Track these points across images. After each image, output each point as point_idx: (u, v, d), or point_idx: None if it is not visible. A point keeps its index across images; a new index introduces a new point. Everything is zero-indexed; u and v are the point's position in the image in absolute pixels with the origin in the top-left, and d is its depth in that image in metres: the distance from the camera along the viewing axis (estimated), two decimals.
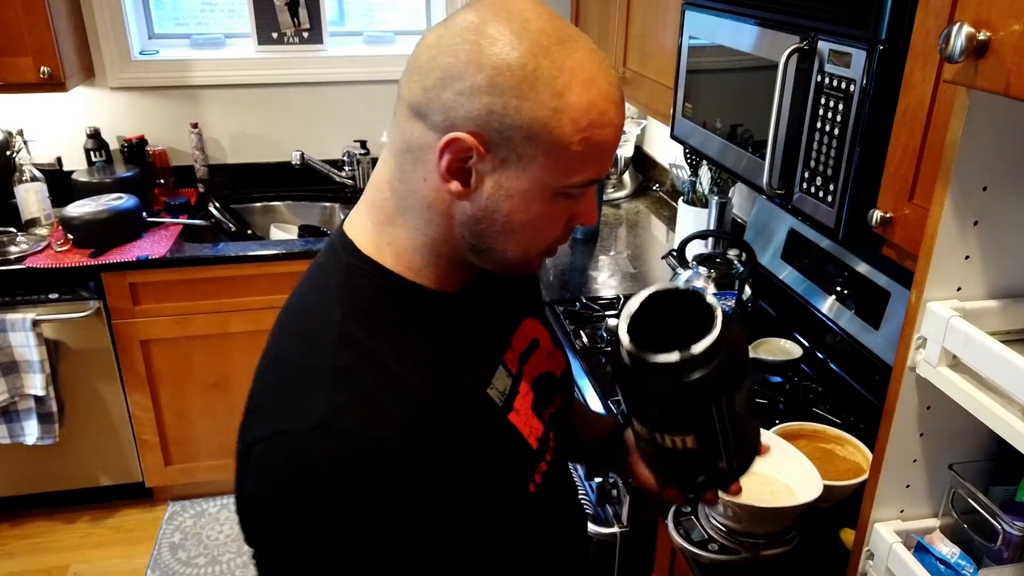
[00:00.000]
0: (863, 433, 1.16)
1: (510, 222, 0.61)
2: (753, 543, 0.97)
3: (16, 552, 2.09)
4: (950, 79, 0.60)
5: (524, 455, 0.70)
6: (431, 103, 0.58)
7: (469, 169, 0.59)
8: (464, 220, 0.61)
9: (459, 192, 0.59)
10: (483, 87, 0.56)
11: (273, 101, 2.40)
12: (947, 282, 0.69)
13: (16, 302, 1.91)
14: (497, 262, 0.65)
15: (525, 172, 0.58)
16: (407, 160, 0.61)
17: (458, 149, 0.57)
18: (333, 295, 0.63)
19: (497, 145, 0.57)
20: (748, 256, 1.52)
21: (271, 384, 0.62)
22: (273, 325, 0.68)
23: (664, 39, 1.59)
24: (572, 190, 0.61)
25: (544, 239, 0.64)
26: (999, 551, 0.72)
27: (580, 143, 0.58)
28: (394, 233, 0.64)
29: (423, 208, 0.62)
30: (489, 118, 0.56)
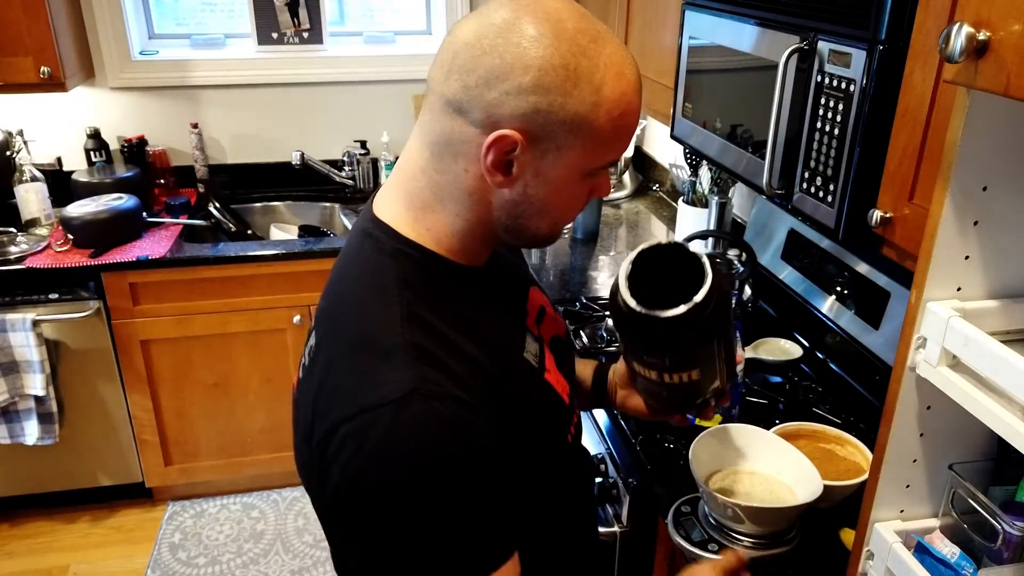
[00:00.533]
0: (863, 433, 1.16)
1: (546, 204, 0.66)
2: (753, 543, 0.97)
3: (16, 552, 2.09)
4: (950, 79, 0.60)
5: (561, 410, 0.76)
6: (474, 101, 0.61)
7: (511, 161, 0.63)
8: (503, 205, 0.66)
9: (501, 182, 0.64)
10: (529, 87, 0.60)
11: (273, 101, 2.41)
12: (947, 282, 0.69)
13: (16, 302, 1.91)
14: (528, 238, 0.70)
15: (562, 160, 0.64)
16: (446, 153, 0.65)
17: (504, 145, 0.61)
18: (388, 279, 0.66)
19: (540, 139, 0.62)
20: (748, 256, 1.52)
21: (345, 370, 0.63)
22: (320, 316, 0.71)
23: (664, 39, 1.59)
24: (597, 171, 0.67)
25: (570, 214, 0.70)
26: (999, 551, 0.72)
27: (612, 131, 0.64)
28: (432, 219, 0.68)
29: (464, 196, 0.66)
30: (535, 115, 0.61)
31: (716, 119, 1.24)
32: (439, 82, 0.64)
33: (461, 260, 0.69)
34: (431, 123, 0.65)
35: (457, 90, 0.62)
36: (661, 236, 2.00)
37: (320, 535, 2.16)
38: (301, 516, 2.23)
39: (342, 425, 0.60)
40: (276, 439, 2.24)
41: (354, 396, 0.60)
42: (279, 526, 2.19)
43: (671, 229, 2.14)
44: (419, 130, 0.68)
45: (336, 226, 2.40)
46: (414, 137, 0.69)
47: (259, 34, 2.34)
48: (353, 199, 2.43)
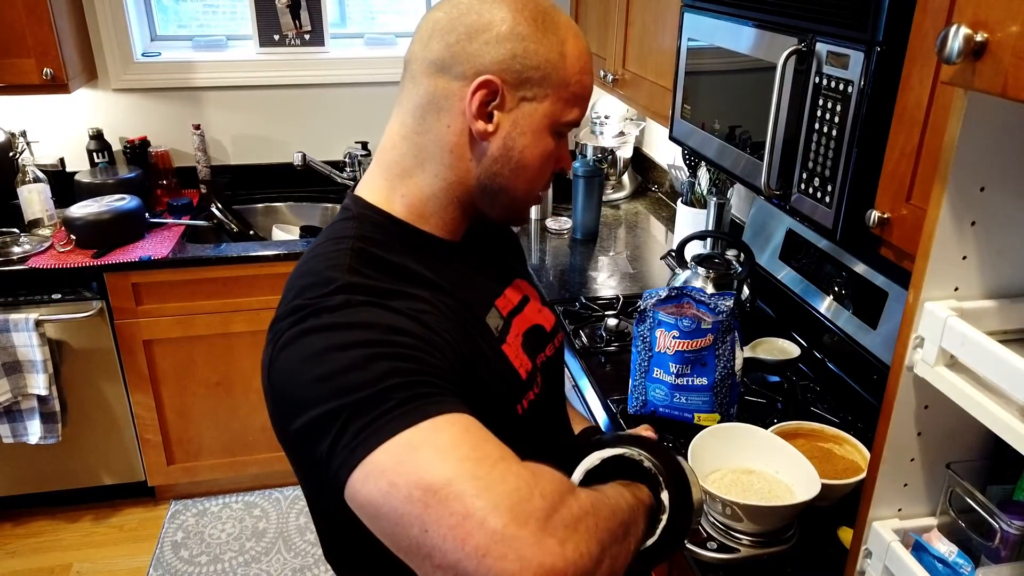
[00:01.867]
0: (861, 432, 1.17)
1: (523, 158, 0.71)
2: (752, 541, 0.97)
3: (19, 551, 2.10)
4: (948, 80, 0.60)
5: (514, 381, 0.76)
6: (456, 56, 0.68)
7: (491, 112, 0.69)
8: (484, 161, 0.71)
9: (483, 131, 0.69)
10: (506, 35, 0.67)
11: (275, 103, 2.41)
12: (944, 282, 0.69)
13: (19, 302, 1.92)
14: (505, 204, 0.74)
15: (538, 109, 0.70)
16: (429, 112, 0.70)
17: (489, 89, 0.68)
18: (344, 235, 0.69)
19: (517, 85, 0.69)
20: (746, 256, 1.52)
21: (288, 302, 0.66)
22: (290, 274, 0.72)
23: (663, 41, 1.59)
24: (563, 128, 0.73)
25: (541, 179, 0.74)
26: (997, 550, 0.73)
27: (576, 84, 0.71)
28: (410, 183, 0.72)
29: (444, 153, 0.71)
30: (512, 61, 0.68)
31: (715, 120, 1.25)
32: (419, 51, 0.70)
33: (432, 230, 0.73)
34: (413, 91, 0.71)
35: (439, 50, 0.69)
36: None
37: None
38: (303, 515, 2.24)
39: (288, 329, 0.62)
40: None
41: (295, 313, 0.63)
42: (281, 524, 2.20)
43: (670, 230, 2.15)
44: (398, 108, 0.73)
45: None
46: (393, 118, 0.74)
47: (260, 36, 2.35)
48: None
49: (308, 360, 0.59)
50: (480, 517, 0.48)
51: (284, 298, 0.68)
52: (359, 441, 0.54)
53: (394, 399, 0.55)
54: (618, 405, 1.30)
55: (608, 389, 1.36)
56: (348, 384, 0.56)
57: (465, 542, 0.48)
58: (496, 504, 0.49)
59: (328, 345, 0.59)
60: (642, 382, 1.22)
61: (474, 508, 0.49)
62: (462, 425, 0.55)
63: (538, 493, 0.51)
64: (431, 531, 0.49)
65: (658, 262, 1.97)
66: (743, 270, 1.51)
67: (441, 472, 0.50)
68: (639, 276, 1.89)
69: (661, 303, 1.20)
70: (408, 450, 0.52)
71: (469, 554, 0.48)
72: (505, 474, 0.51)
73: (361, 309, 0.62)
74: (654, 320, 1.19)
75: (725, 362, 1.16)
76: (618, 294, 1.75)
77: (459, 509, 0.49)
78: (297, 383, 0.60)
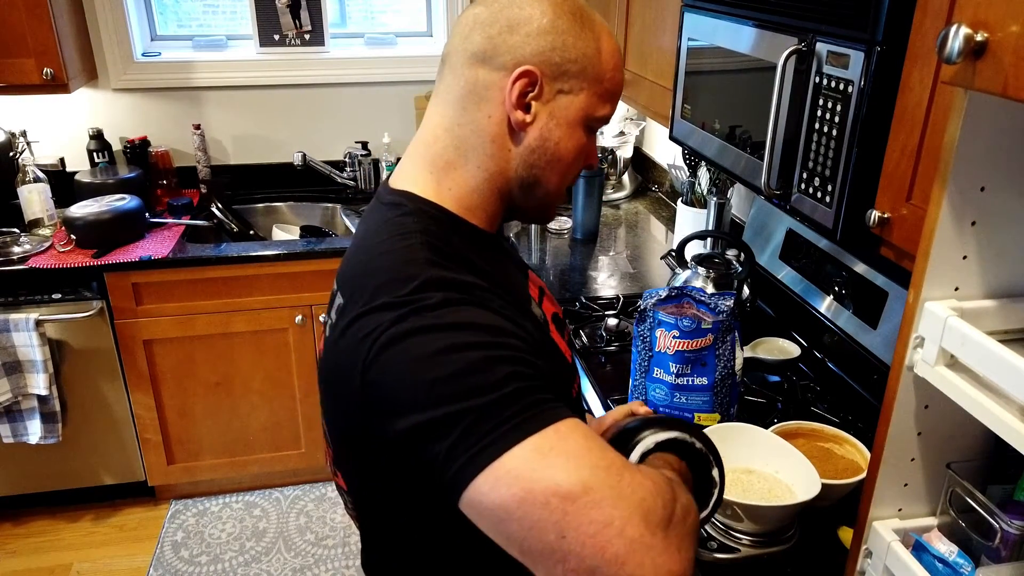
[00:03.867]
0: (861, 432, 1.17)
1: (558, 150, 0.73)
2: (752, 541, 0.97)
3: (19, 551, 2.10)
4: (948, 80, 0.60)
5: (567, 368, 0.80)
6: (498, 47, 0.70)
7: (529, 103, 0.71)
8: (521, 151, 0.73)
9: (522, 121, 0.71)
10: (547, 28, 0.70)
11: (275, 102, 2.41)
12: (945, 282, 0.69)
13: (19, 302, 1.92)
14: (538, 198, 0.76)
15: (574, 102, 0.72)
16: (469, 103, 0.72)
17: (529, 79, 0.70)
18: (410, 231, 0.69)
19: (555, 77, 0.71)
20: (746, 256, 1.52)
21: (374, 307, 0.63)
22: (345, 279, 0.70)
23: (663, 41, 1.59)
24: (595, 123, 0.74)
25: (573, 173, 0.77)
26: (997, 550, 0.73)
27: (609, 80, 0.73)
28: (455, 177, 0.73)
29: (486, 144, 0.72)
30: (552, 53, 0.70)
31: (715, 120, 1.25)
32: (459, 44, 0.72)
33: (477, 222, 0.75)
34: (453, 83, 0.73)
35: (481, 42, 0.71)
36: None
37: (322, 533, 2.16)
38: (303, 514, 2.24)
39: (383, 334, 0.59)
40: (278, 438, 2.25)
41: (388, 314, 0.61)
42: (281, 524, 2.20)
43: (670, 229, 2.15)
44: (437, 98, 0.75)
45: (338, 227, 2.41)
46: (432, 110, 0.75)
47: (261, 36, 2.35)
48: (355, 200, 2.44)
49: (421, 361, 0.58)
50: (619, 527, 0.51)
51: (355, 297, 0.66)
52: (486, 444, 0.54)
53: (518, 404, 0.56)
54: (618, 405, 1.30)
55: (608, 389, 1.36)
56: (470, 387, 0.56)
57: (605, 550, 0.51)
58: (631, 514, 0.52)
59: (442, 347, 0.58)
60: (642, 382, 1.22)
61: (613, 517, 0.51)
62: (581, 431, 0.56)
63: (660, 502, 0.54)
64: (568, 537, 0.51)
65: (658, 262, 1.97)
66: (743, 270, 1.51)
67: (578, 480, 0.52)
68: (639, 276, 1.89)
69: (661, 303, 1.20)
70: (540, 456, 0.53)
71: (609, 561, 0.51)
72: (632, 483, 0.54)
73: (462, 308, 0.62)
74: (654, 320, 1.19)
75: (725, 362, 1.16)
76: (618, 294, 1.75)
77: (598, 518, 0.51)
78: (409, 384, 0.58)
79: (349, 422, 0.67)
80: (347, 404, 0.65)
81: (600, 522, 0.51)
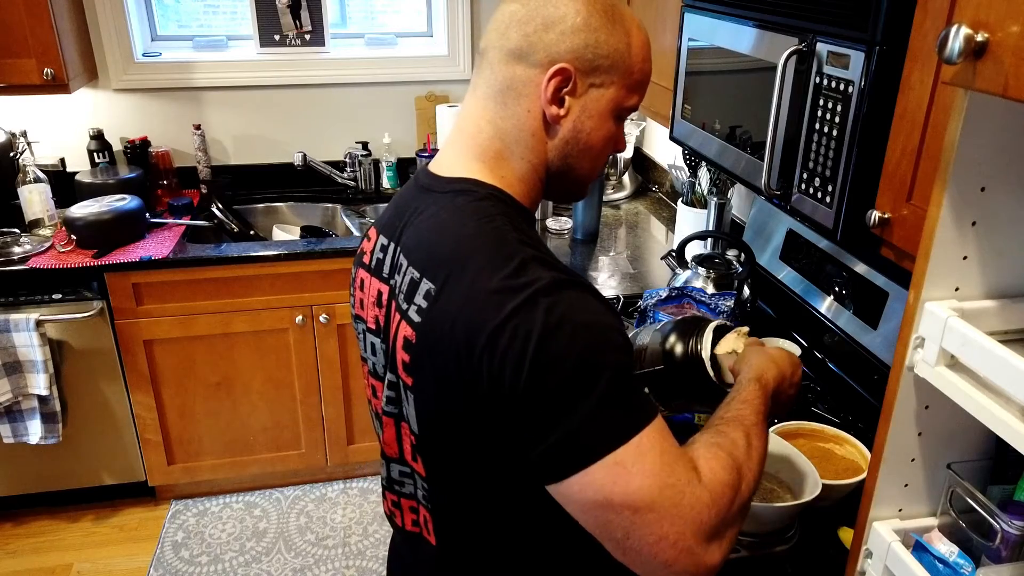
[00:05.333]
0: (862, 432, 1.17)
1: (590, 140, 0.77)
2: (752, 542, 0.97)
3: (19, 551, 2.10)
4: (948, 80, 0.60)
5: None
6: (534, 45, 0.73)
7: (563, 97, 0.74)
8: (557, 143, 0.76)
9: (557, 115, 0.74)
10: (581, 26, 0.73)
11: (275, 103, 2.41)
12: (945, 282, 0.69)
13: (20, 302, 1.92)
14: (570, 182, 0.80)
15: (604, 95, 0.75)
16: (509, 98, 0.75)
17: (564, 76, 0.73)
18: (494, 215, 0.72)
19: (588, 72, 0.74)
20: (747, 256, 1.52)
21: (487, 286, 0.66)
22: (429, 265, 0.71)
23: (663, 41, 1.59)
24: (624, 112, 0.78)
25: (602, 160, 0.80)
26: (997, 550, 0.73)
27: (639, 71, 0.77)
28: (505, 167, 0.77)
29: (527, 136, 0.76)
30: (585, 50, 0.73)
31: (715, 120, 1.25)
32: (496, 40, 0.75)
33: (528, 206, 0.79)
34: (491, 78, 0.76)
35: (518, 39, 0.73)
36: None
37: (322, 533, 2.16)
38: (303, 515, 2.24)
39: (507, 322, 0.63)
40: (278, 438, 2.25)
41: (507, 298, 0.64)
42: (281, 525, 2.20)
43: (670, 230, 2.15)
44: (476, 92, 0.78)
45: (338, 227, 2.41)
46: (471, 99, 0.78)
47: (261, 36, 2.35)
48: (355, 200, 2.44)
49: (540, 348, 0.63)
50: (673, 540, 0.63)
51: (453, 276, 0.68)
52: (583, 447, 0.63)
53: (615, 407, 0.64)
54: None
55: None
56: (578, 386, 0.63)
57: (657, 555, 0.63)
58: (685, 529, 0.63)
59: (557, 336, 0.63)
60: None
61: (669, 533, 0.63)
62: (659, 444, 0.64)
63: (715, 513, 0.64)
64: (632, 538, 0.63)
65: (658, 262, 1.97)
66: (743, 270, 1.51)
67: (648, 497, 0.62)
68: (639, 276, 1.89)
69: (662, 303, 1.20)
70: (622, 471, 0.63)
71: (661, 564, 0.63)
72: (692, 500, 0.63)
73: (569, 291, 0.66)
74: (654, 320, 1.19)
75: None
76: (619, 294, 1.75)
77: (657, 531, 0.62)
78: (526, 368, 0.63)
79: (452, 396, 0.69)
80: (457, 376, 0.67)
81: (658, 535, 0.62)
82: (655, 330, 0.95)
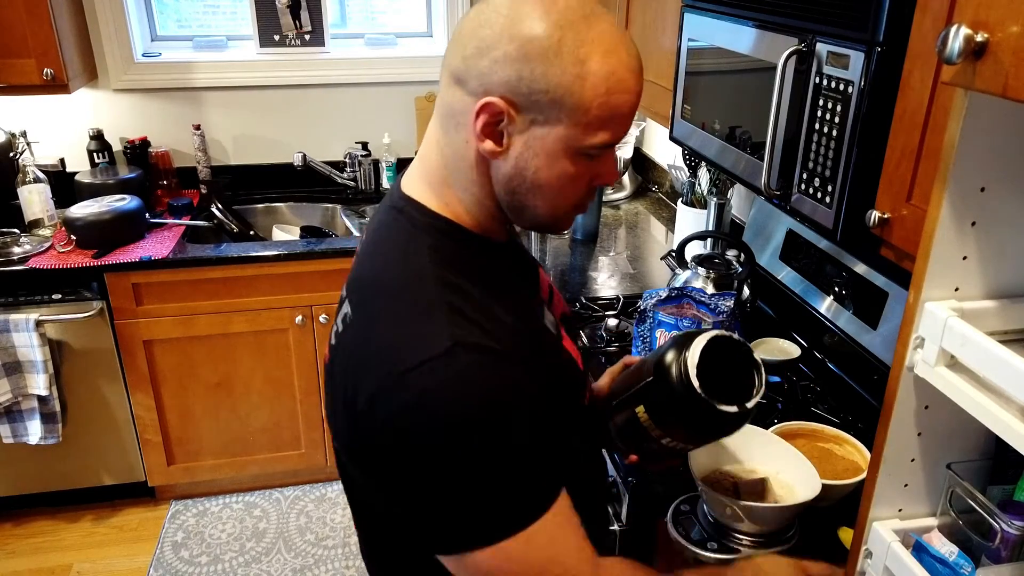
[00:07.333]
0: (861, 432, 1.17)
1: (537, 179, 0.67)
2: (752, 542, 0.97)
3: (19, 551, 2.10)
4: (948, 80, 0.60)
5: (578, 373, 0.80)
6: (469, 71, 0.64)
7: (501, 131, 0.65)
8: (499, 178, 0.68)
9: (493, 151, 0.66)
10: (514, 55, 0.62)
11: (275, 103, 2.41)
12: (945, 282, 0.69)
13: (19, 303, 1.92)
14: (529, 219, 0.71)
15: (550, 133, 0.65)
16: (450, 125, 0.68)
17: (491, 112, 0.64)
18: (419, 248, 0.69)
19: (526, 108, 0.64)
20: (747, 257, 1.52)
21: (384, 330, 0.65)
22: (353, 286, 0.72)
23: (663, 41, 1.59)
24: (591, 151, 0.66)
25: (569, 198, 0.70)
26: (997, 550, 0.73)
27: (599, 107, 0.64)
28: (449, 194, 0.71)
29: (467, 168, 0.69)
30: (519, 83, 0.63)
31: (715, 121, 1.25)
32: (446, 58, 0.68)
33: (484, 232, 0.73)
34: (440, 99, 0.69)
35: (458, 62, 0.65)
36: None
37: (322, 533, 2.16)
38: (303, 515, 2.24)
39: (390, 383, 0.61)
40: (278, 438, 2.25)
41: (398, 353, 0.61)
42: (281, 525, 2.20)
43: (670, 230, 2.15)
44: (435, 110, 0.72)
45: (338, 227, 2.41)
46: (432, 118, 0.73)
47: (261, 36, 2.35)
48: (355, 200, 2.44)
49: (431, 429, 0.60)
50: None
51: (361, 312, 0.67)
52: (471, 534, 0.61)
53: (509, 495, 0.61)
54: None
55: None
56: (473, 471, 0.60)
57: None
58: None
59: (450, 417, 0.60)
60: None
61: None
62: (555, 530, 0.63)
63: None
64: None
65: (658, 262, 1.97)
66: (743, 270, 1.51)
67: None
68: (639, 276, 1.89)
69: (661, 303, 1.20)
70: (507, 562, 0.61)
71: None
72: None
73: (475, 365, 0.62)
74: (654, 320, 1.19)
75: None
76: (618, 294, 1.75)
77: None
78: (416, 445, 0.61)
79: (342, 427, 0.69)
80: (344, 418, 0.66)
81: None
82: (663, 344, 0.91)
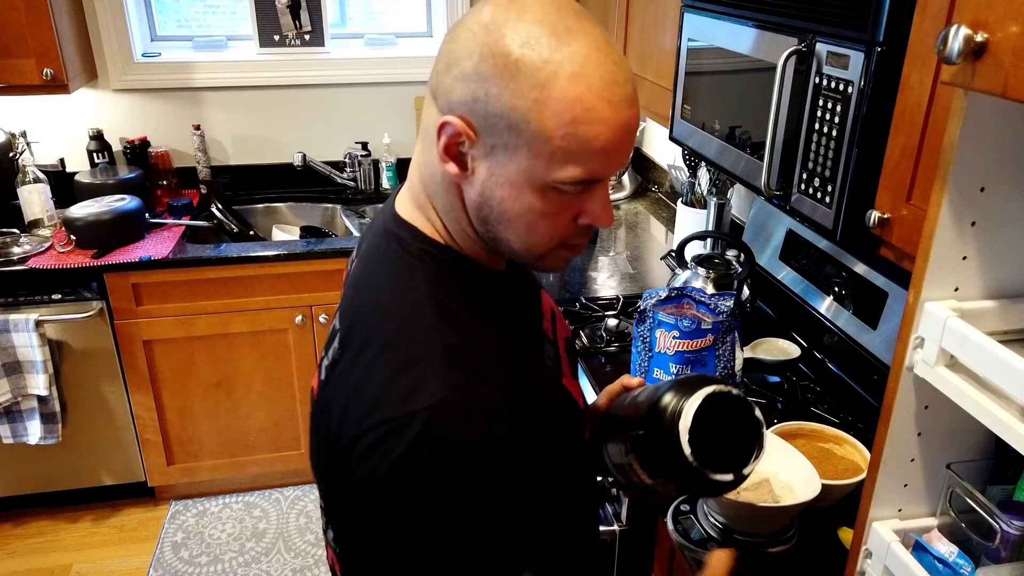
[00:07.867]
0: (861, 432, 1.17)
1: (504, 211, 0.61)
2: (752, 542, 0.97)
3: (19, 551, 2.10)
4: (948, 81, 0.60)
5: (578, 414, 0.77)
6: (438, 87, 0.60)
7: (464, 153, 0.60)
8: (470, 205, 0.63)
9: (457, 175, 0.61)
10: (470, 74, 0.57)
11: (275, 103, 2.41)
12: (945, 282, 0.69)
13: (19, 303, 1.92)
14: (507, 252, 0.66)
15: (512, 161, 0.58)
16: (426, 143, 0.63)
17: (451, 132, 0.59)
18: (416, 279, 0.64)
19: (485, 131, 0.58)
20: (746, 257, 1.52)
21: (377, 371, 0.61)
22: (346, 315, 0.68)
23: (663, 41, 1.59)
24: (563, 186, 0.59)
25: (545, 234, 0.62)
26: (997, 550, 0.73)
27: (563, 138, 0.56)
28: (434, 217, 0.67)
29: (442, 191, 0.64)
30: (475, 104, 0.58)
31: (715, 121, 1.25)
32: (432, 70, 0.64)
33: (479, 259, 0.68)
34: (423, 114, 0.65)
35: (432, 76, 0.62)
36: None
37: (322, 534, 2.16)
38: (303, 515, 2.24)
39: (372, 429, 0.58)
40: (278, 438, 2.24)
41: (386, 400, 0.58)
42: (281, 525, 2.20)
43: (670, 230, 2.15)
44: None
45: (338, 227, 2.41)
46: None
47: (261, 36, 2.35)
48: (355, 200, 2.44)
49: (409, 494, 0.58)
50: None
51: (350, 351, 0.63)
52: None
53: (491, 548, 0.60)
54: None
55: None
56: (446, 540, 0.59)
57: None
58: None
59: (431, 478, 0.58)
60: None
61: None
62: None
63: None
64: None
65: (658, 262, 1.97)
66: (743, 270, 1.51)
67: None
68: (639, 276, 1.89)
69: (661, 303, 1.20)
70: None
71: None
72: None
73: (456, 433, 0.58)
74: (654, 320, 1.19)
75: (725, 362, 1.16)
76: (618, 294, 1.75)
77: None
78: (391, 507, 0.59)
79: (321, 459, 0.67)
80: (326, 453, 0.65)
81: None
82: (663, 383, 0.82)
